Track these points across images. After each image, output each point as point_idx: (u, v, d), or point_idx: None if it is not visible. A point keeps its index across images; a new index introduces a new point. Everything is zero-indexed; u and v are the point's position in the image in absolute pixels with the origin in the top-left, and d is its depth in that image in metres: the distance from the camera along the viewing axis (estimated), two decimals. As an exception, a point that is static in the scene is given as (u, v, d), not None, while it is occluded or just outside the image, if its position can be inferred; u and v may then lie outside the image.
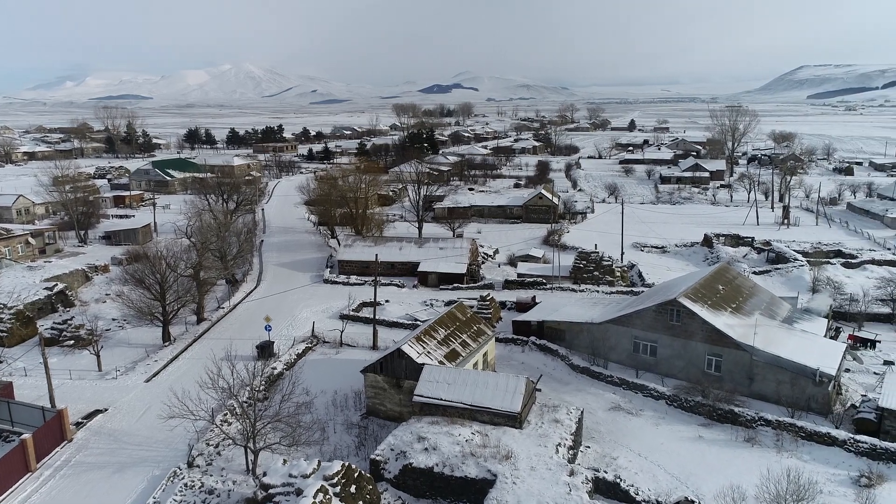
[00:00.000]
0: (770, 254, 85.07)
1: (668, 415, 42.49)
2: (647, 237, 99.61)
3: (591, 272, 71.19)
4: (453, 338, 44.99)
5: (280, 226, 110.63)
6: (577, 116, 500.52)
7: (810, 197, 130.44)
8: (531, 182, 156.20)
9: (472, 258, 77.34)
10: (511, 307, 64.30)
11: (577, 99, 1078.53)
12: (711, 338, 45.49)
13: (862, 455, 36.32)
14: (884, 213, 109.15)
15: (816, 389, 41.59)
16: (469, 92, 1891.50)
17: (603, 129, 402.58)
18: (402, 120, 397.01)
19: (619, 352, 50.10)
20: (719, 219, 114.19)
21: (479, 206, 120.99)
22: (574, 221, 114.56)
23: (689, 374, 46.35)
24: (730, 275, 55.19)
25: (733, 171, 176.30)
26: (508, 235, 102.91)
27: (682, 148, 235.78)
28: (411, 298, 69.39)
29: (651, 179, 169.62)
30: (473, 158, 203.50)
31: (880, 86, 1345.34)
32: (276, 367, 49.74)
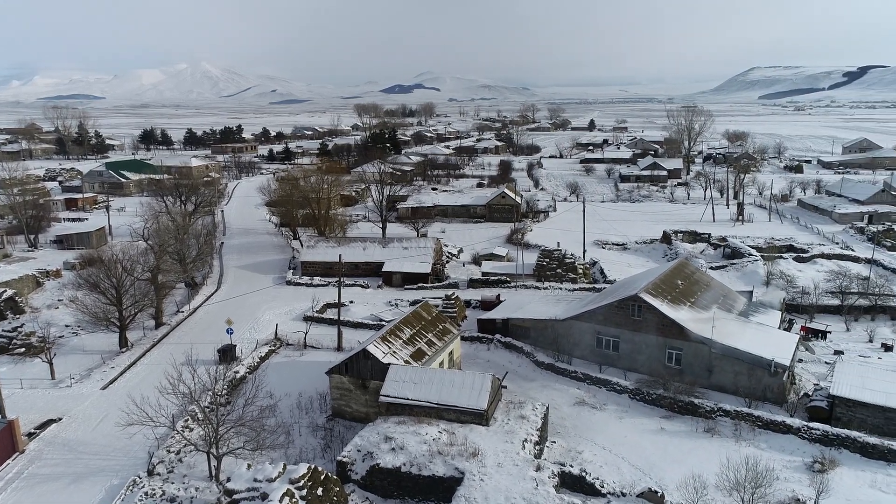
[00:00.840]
0: (726, 249, 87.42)
1: (631, 408, 43.26)
2: (607, 235, 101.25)
3: (555, 270, 71.99)
4: (419, 337, 44.92)
5: (241, 227, 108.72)
6: (538, 116, 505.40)
7: (763, 194, 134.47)
8: (494, 181, 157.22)
9: (437, 257, 77.37)
10: (476, 306, 64.55)
11: (538, 99, 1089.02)
12: (672, 332, 46.51)
13: (815, 441, 37.63)
14: (832, 209, 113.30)
15: (772, 380, 42.93)
16: (431, 92, 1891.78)
17: (563, 128, 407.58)
18: (363, 120, 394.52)
19: (583, 347, 50.80)
20: (677, 216, 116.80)
21: (443, 205, 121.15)
22: (537, 220, 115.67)
23: (651, 367, 47.30)
24: (688, 270, 56.52)
25: (690, 169, 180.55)
26: (472, 234, 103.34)
27: (640, 147, 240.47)
28: (376, 299, 69.03)
29: (611, 178, 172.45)
30: (436, 158, 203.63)
31: (826, 87, 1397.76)
32: (239, 370, 48.86)
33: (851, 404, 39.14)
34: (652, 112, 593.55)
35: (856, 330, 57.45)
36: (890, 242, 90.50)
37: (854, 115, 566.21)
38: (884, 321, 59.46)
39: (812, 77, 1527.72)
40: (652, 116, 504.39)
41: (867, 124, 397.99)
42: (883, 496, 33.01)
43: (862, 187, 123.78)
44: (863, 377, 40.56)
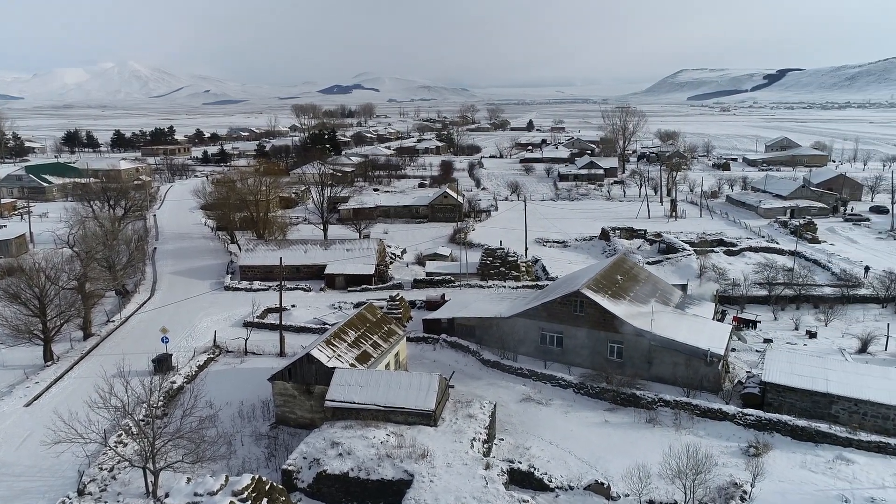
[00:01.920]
0: (661, 245, 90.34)
1: (576, 402, 43.97)
2: (548, 232, 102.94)
3: (498, 268, 72.52)
4: (364, 339, 44.28)
5: (175, 232, 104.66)
6: (477, 117, 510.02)
7: (694, 191, 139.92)
8: (435, 182, 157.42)
9: (380, 258, 76.66)
10: (421, 306, 64.28)
11: (477, 100, 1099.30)
12: (613, 326, 47.57)
13: (749, 427, 39.22)
14: (758, 205, 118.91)
15: (708, 369, 44.52)
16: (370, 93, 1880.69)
17: (503, 129, 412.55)
18: (302, 121, 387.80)
19: (528, 344, 51.33)
20: (614, 213, 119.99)
21: (385, 206, 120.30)
22: (479, 219, 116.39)
23: (594, 361, 48.24)
24: (627, 265, 58.00)
25: (625, 168, 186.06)
26: (415, 235, 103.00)
27: (577, 147, 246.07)
28: (319, 302, 67.74)
29: (550, 177, 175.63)
30: (377, 159, 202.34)
31: (749, 88, 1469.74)
32: (176, 380, 46.88)
33: (781, 390, 41.03)
34: (587, 112, 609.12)
35: (783, 319, 60.33)
36: (810, 235, 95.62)
37: (774, 115, 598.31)
38: (807, 309, 62.65)
39: (736, 79, 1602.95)
40: (588, 117, 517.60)
41: (787, 124, 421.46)
42: (812, 475, 34.66)
43: (784, 183, 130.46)
44: (791, 363, 42.58)
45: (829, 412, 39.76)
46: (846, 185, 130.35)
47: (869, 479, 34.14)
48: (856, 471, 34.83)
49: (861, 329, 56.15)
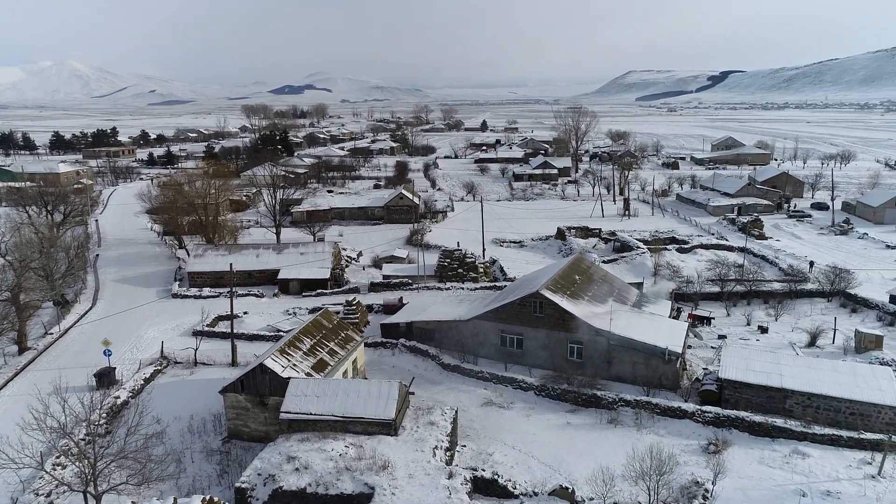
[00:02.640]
0: (616, 243, 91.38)
1: (538, 405, 43.58)
2: (505, 233, 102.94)
3: (456, 270, 71.87)
4: (320, 347, 42.84)
5: (119, 238, 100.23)
6: (431, 117, 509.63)
7: (645, 189, 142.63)
8: (391, 183, 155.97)
9: (335, 262, 74.98)
10: (378, 310, 63.04)
11: (431, 100, 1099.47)
12: (572, 326, 47.42)
13: (708, 424, 39.53)
14: (707, 203, 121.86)
15: (666, 367, 44.80)
16: (322, 93, 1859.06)
17: (457, 129, 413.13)
18: (252, 121, 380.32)
19: (488, 347, 50.76)
20: (569, 212, 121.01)
21: (340, 208, 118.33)
22: (435, 220, 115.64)
23: (555, 362, 48.02)
24: (584, 265, 58.11)
25: (578, 167, 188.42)
26: (371, 237, 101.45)
27: (531, 147, 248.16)
28: (272, 308, 65.66)
29: (505, 177, 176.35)
30: (331, 160, 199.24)
31: (694, 89, 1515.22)
32: (120, 396, 44.40)
33: (737, 386, 41.55)
34: (540, 113, 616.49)
35: (735, 314, 61.49)
36: (757, 232, 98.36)
37: (718, 115, 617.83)
38: (758, 305, 64.07)
39: (682, 80, 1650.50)
40: (540, 117, 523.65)
41: (730, 124, 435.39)
42: (770, 470, 35.06)
43: (731, 182, 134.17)
44: (746, 360, 43.21)
45: (784, 406, 40.46)
46: (789, 182, 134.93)
47: (824, 472, 34.75)
48: (811, 464, 35.42)
49: (809, 323, 57.64)
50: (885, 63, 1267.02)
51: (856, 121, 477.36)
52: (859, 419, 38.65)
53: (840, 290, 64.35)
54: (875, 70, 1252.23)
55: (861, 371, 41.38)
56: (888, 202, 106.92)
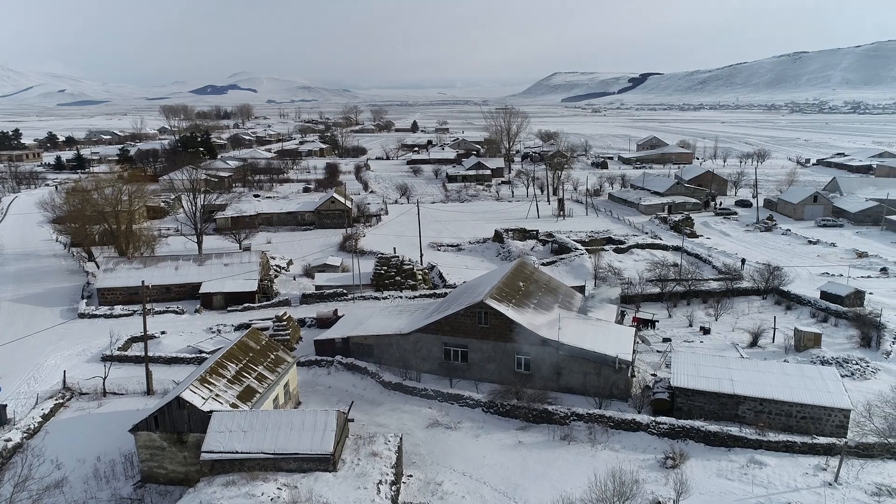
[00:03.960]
0: (553, 245, 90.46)
1: (487, 423, 40.98)
2: (441, 236, 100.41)
3: (393, 278, 68.53)
4: (247, 372, 38.61)
5: (18, 251, 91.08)
6: (361, 118, 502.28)
7: (578, 189, 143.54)
8: (321, 185, 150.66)
9: (264, 272, 70.07)
10: (312, 324, 58.91)
11: (360, 101, 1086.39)
12: (519, 337, 45.15)
13: (663, 436, 38.07)
14: (638, 202, 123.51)
15: (617, 376, 43.21)
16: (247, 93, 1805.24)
17: (388, 130, 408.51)
18: (172, 123, 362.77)
19: (431, 361, 47.81)
20: (505, 214, 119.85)
21: (268, 213, 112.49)
22: (369, 224, 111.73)
23: (502, 375, 45.63)
24: (528, 270, 56.12)
25: (511, 168, 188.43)
26: (302, 244, 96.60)
27: (463, 148, 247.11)
28: (194, 326, 60.22)
29: (438, 178, 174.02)
30: (257, 163, 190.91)
31: (616, 91, 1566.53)
32: (12, 437, 38.63)
33: (690, 394, 40.38)
34: (469, 113, 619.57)
35: (677, 315, 61.15)
36: (689, 230, 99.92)
37: (640, 116, 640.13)
38: (698, 304, 64.10)
39: (604, 82, 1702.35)
40: (470, 118, 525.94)
41: (651, 124, 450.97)
42: (729, 483, 33.82)
43: (660, 181, 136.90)
44: (697, 366, 42.17)
45: (737, 413, 39.56)
46: (714, 181, 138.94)
47: (782, 481, 33.80)
48: (769, 474, 34.42)
49: (748, 322, 57.93)
50: (788, 67, 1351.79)
51: (764, 121, 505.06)
52: (810, 423, 38.15)
53: (774, 288, 65.29)
54: (779, 74, 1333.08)
55: (808, 373, 41.06)
56: (807, 199, 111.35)
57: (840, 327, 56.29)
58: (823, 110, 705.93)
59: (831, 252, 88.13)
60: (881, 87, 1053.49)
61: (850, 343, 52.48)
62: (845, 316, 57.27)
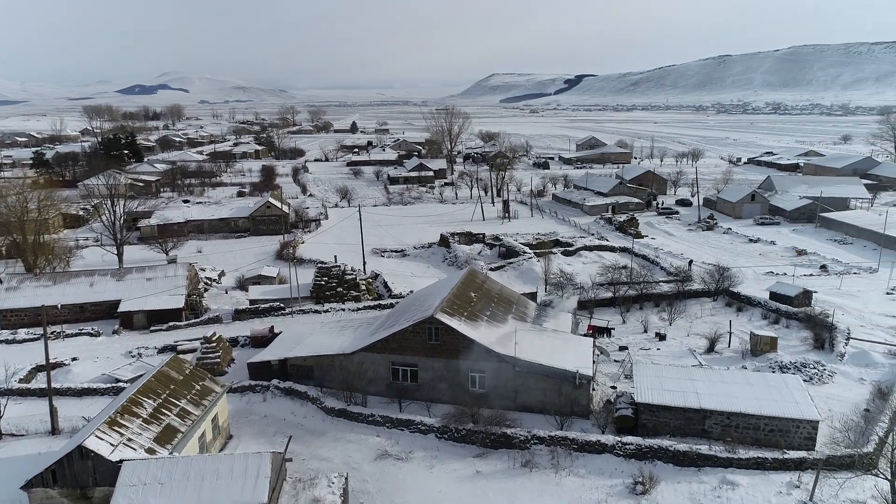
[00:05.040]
0: (501, 248, 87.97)
1: (441, 451, 37.49)
2: (384, 241, 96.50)
3: (335, 289, 64.15)
4: (167, 409, 33.78)
5: None
6: (298, 119, 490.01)
7: (522, 190, 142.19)
8: (257, 189, 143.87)
9: (192, 286, 64.35)
10: (245, 343, 53.95)
11: (297, 101, 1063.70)
12: (473, 353, 41.93)
13: (630, 457, 35.61)
14: (582, 202, 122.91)
15: (578, 392, 40.60)
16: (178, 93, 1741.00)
17: (326, 131, 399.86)
18: (95, 124, 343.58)
19: (378, 383, 43.97)
20: (449, 217, 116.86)
21: (198, 220, 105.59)
22: (308, 230, 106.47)
23: (455, 395, 42.26)
24: (479, 280, 53.02)
25: (453, 169, 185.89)
26: (236, 253, 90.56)
27: (404, 148, 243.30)
28: (111, 350, 54.12)
29: (380, 181, 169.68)
30: (187, 166, 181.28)
31: (553, 92, 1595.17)
32: None
33: (655, 409, 38.15)
34: (409, 114, 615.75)
35: (630, 321, 59.46)
36: (634, 231, 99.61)
37: (577, 116, 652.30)
38: (650, 308, 62.66)
39: (541, 83, 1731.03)
40: (410, 118, 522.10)
41: (588, 124, 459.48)
42: (703, 509, 31.63)
43: (603, 181, 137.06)
44: (660, 378, 40.04)
45: (703, 427, 37.57)
46: (655, 180, 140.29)
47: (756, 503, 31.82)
48: (742, 496, 32.40)
49: (702, 326, 56.81)
50: (714, 70, 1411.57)
51: (694, 121, 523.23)
52: (779, 435, 36.52)
53: (724, 290, 64.64)
54: (706, 76, 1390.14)
55: (773, 382, 39.58)
56: (745, 198, 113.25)
57: (792, 329, 55.79)
58: (747, 111, 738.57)
59: (772, 250, 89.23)
60: (798, 90, 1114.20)
61: (803, 345, 51.85)
62: (796, 317, 56.87)
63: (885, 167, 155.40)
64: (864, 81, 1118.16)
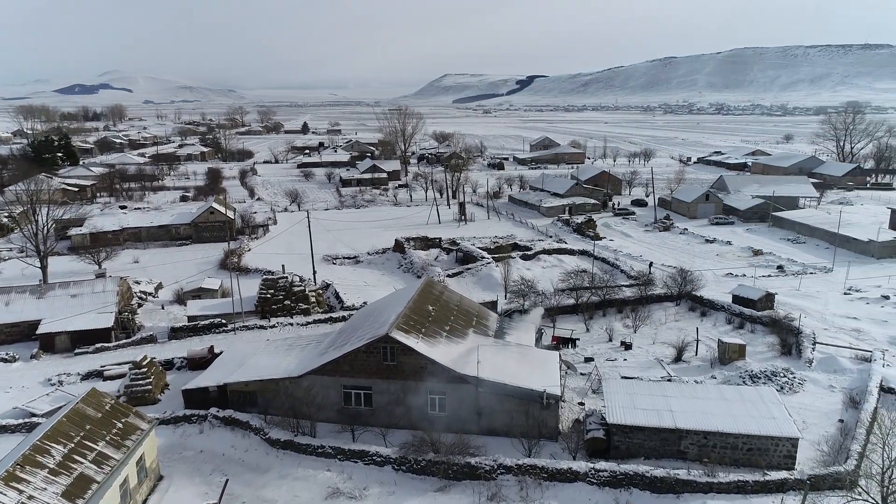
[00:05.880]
0: (458, 253, 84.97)
1: (399, 485, 34.02)
2: (337, 247, 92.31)
3: (282, 302, 59.79)
4: (80, 454, 29.23)
5: None
6: (247, 119, 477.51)
7: (477, 192, 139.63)
8: (202, 193, 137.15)
9: (124, 302, 58.98)
10: (182, 366, 49.24)
11: (246, 102, 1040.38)
12: (432, 374, 38.61)
13: (605, 485, 32.90)
14: (539, 204, 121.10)
15: (546, 413, 37.76)
16: (122, 93, 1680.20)
17: (276, 132, 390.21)
18: (30, 125, 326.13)
19: (329, 408, 40.17)
20: (404, 220, 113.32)
21: (135, 227, 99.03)
22: (255, 236, 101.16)
23: (413, 419, 38.92)
24: (436, 291, 49.71)
25: (407, 170, 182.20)
26: (177, 263, 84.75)
27: (357, 150, 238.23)
28: (27, 378, 48.48)
29: (332, 183, 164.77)
30: (126, 169, 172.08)
31: (505, 92, 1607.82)
32: None
33: (628, 430, 35.62)
34: (362, 114, 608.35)
35: (594, 329, 57.19)
36: (592, 232, 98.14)
37: (529, 116, 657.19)
38: (613, 315, 60.68)
39: (494, 84, 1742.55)
40: (363, 119, 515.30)
41: (540, 124, 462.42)
42: (685, 542, 29.15)
43: (560, 181, 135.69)
44: (632, 395, 37.57)
45: (679, 448, 35.23)
46: (610, 180, 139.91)
47: (741, 533, 29.56)
48: (726, 525, 30.11)
49: (668, 333, 55.05)
50: (660, 71, 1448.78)
51: (643, 121, 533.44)
52: (758, 454, 34.46)
53: (687, 293, 63.19)
54: (653, 77, 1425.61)
55: (748, 396, 37.61)
56: (699, 198, 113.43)
57: (758, 333, 54.48)
58: (692, 111, 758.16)
59: (729, 250, 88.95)
60: (740, 91, 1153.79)
61: (771, 352, 50.43)
62: (760, 321, 55.66)
63: (828, 166, 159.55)
64: (800, 83, 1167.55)
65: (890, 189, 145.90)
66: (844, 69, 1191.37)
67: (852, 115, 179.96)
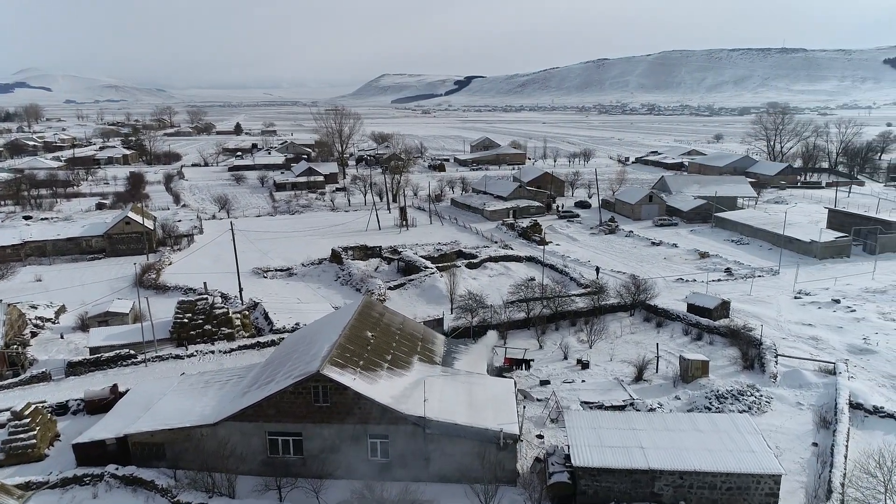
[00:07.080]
0: (400, 263, 79.87)
1: (335, 555, 28.77)
2: (269, 258, 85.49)
3: (201, 326, 53.09)
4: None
5: None
6: (176, 120, 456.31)
7: (418, 195, 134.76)
8: (121, 200, 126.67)
9: (13, 332, 51.00)
10: (79, 409, 42.13)
11: (176, 101, 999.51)
12: (372, 415, 33.52)
13: (574, 542, 28.73)
14: (482, 207, 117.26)
15: (503, 455, 33.28)
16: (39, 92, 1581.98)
17: (207, 133, 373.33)
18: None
19: (251, 459, 34.40)
20: (342, 226, 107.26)
21: (39, 241, 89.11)
22: (178, 248, 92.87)
23: (352, 467, 33.70)
24: (376, 312, 44.54)
25: (345, 173, 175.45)
26: (85, 281, 76.11)
27: (292, 151, 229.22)
28: None
29: (265, 187, 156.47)
30: (36, 173, 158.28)
31: (443, 93, 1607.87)
32: None
33: (596, 473, 31.53)
34: (298, 115, 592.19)
35: (548, 346, 53.25)
36: (538, 237, 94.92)
37: (468, 117, 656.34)
38: (566, 328, 57.10)
39: (432, 84, 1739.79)
40: (299, 119, 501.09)
41: (479, 125, 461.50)
42: None
43: (503, 184, 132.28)
44: (597, 430, 33.57)
45: (653, 490, 31.41)
46: (552, 182, 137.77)
47: None
48: (713, 585, 26.35)
49: (625, 347, 51.92)
50: (594, 73, 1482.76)
51: (579, 121, 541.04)
52: (738, 494, 31.02)
53: (641, 303, 60.31)
54: (587, 78, 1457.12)
55: (723, 425, 34.25)
56: (643, 199, 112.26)
57: (717, 345, 51.91)
58: (626, 112, 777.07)
59: (675, 253, 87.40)
60: (669, 91, 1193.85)
61: (733, 366, 47.72)
62: (719, 331, 53.19)
63: (761, 165, 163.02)
64: (724, 84, 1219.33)
65: (819, 187, 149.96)
66: (764, 71, 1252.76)
67: (781, 116, 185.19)
